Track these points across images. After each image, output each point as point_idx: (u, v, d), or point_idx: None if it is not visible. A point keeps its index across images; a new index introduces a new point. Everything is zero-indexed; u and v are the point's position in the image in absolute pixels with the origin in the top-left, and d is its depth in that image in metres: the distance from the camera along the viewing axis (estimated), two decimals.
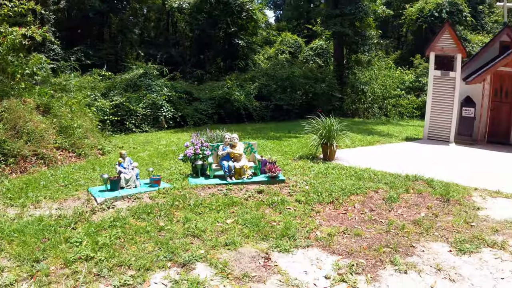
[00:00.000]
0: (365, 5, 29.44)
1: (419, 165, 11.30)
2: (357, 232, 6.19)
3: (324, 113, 22.34)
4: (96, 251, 5.16)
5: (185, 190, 7.76)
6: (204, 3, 33.76)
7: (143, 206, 6.84)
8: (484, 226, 6.75)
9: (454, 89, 17.20)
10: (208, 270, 4.83)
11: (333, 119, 11.64)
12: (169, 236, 5.70)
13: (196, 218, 6.39)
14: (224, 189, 7.92)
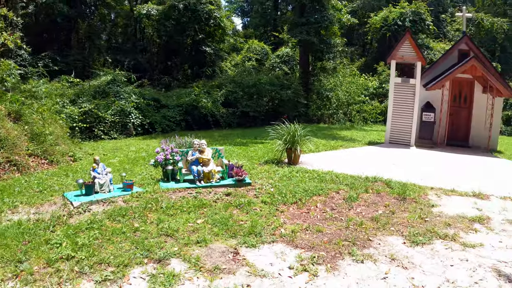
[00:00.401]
0: (330, 14, 30.08)
1: (379, 167, 11.94)
2: (318, 228, 6.73)
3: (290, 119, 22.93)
4: (76, 251, 5.52)
5: (157, 193, 8.14)
6: (172, 10, 33.86)
7: (118, 209, 7.21)
8: (438, 221, 7.44)
9: (414, 95, 17.92)
10: (182, 265, 5.27)
11: (297, 125, 12.16)
12: (144, 236, 6.09)
13: (168, 219, 6.79)
14: (193, 192, 8.34)
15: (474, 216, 7.77)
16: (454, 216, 7.74)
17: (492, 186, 10.75)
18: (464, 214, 7.87)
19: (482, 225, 7.41)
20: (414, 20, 35.40)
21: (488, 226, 7.39)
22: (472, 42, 20.36)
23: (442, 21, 41.38)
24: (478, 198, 9.17)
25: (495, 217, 7.90)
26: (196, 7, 33.16)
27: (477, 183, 10.65)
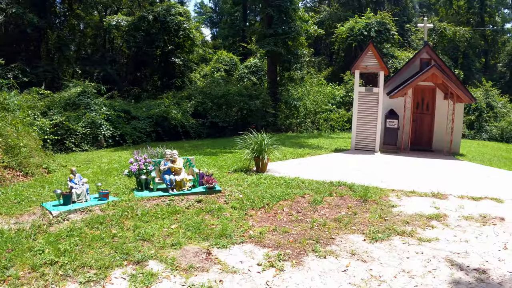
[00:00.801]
0: (297, 25, 30.81)
1: (344, 173, 12.56)
2: (284, 229, 7.26)
3: (259, 128, 23.52)
4: (59, 256, 5.88)
5: (132, 202, 8.53)
6: (142, 21, 34.31)
7: (95, 217, 7.58)
8: (397, 219, 8.07)
9: (378, 103, 18.59)
10: (159, 265, 5.73)
11: (264, 134, 12.69)
12: (122, 241, 6.50)
13: (144, 225, 7.20)
14: (167, 200, 8.76)
15: (431, 214, 8.43)
16: (412, 215, 8.38)
17: (451, 186, 11.45)
18: (422, 213, 8.53)
19: (439, 221, 8.06)
20: (379, 30, 36.59)
21: (444, 222, 8.04)
22: (433, 51, 21.26)
23: (407, 31, 42.64)
24: (436, 198, 9.85)
25: (452, 214, 8.57)
26: (166, 19, 33.73)
27: (437, 184, 11.41)
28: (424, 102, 20.61)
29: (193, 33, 35.83)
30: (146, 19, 34.11)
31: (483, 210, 8.94)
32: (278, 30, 29.70)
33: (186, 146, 20.02)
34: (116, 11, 45.51)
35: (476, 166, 16.03)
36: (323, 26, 43.12)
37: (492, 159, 18.81)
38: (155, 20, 34.16)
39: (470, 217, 8.46)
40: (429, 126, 20.72)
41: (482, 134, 33.50)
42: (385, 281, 5.57)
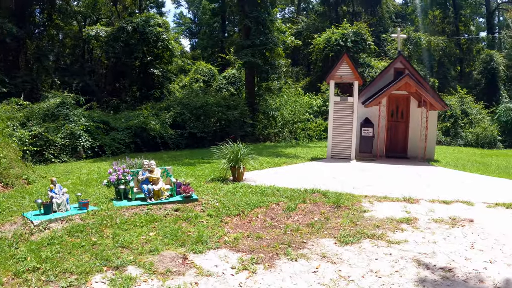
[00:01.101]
0: (275, 36, 31.27)
1: (319, 180, 12.94)
2: (258, 235, 7.61)
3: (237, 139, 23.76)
4: (41, 263, 6.13)
5: (111, 211, 8.78)
6: (121, 32, 34.47)
7: (75, 225, 7.83)
8: (368, 223, 8.46)
9: (353, 113, 19.07)
10: (137, 270, 6.03)
11: (240, 144, 13.04)
12: (102, 248, 6.77)
13: (123, 233, 7.48)
14: (145, 209, 9.04)
15: (402, 218, 8.85)
16: (383, 219, 8.78)
17: (423, 191, 11.92)
18: (393, 217, 8.93)
19: (409, 225, 8.47)
20: (356, 40, 37.29)
21: (414, 225, 8.45)
22: (407, 60, 21.92)
23: (383, 41, 43.45)
24: (408, 202, 10.28)
25: (422, 217, 8.98)
26: (145, 29, 33.92)
27: (409, 189, 11.87)
28: (398, 110, 21.19)
29: (172, 44, 36.09)
30: (125, 30, 34.25)
31: (453, 213, 9.37)
32: (256, 41, 30.13)
33: (165, 156, 20.20)
34: (95, 21, 45.49)
35: (449, 171, 16.60)
36: (301, 37, 43.85)
37: (466, 164, 19.36)
38: (134, 31, 34.33)
39: (440, 219, 8.86)
40: (404, 133, 21.27)
41: (457, 140, 34.32)
42: (353, 280, 5.93)
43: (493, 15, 61.11)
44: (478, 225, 8.59)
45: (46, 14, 37.73)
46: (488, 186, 13.38)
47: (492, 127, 34.17)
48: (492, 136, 33.41)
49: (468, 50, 55.13)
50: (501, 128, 35.63)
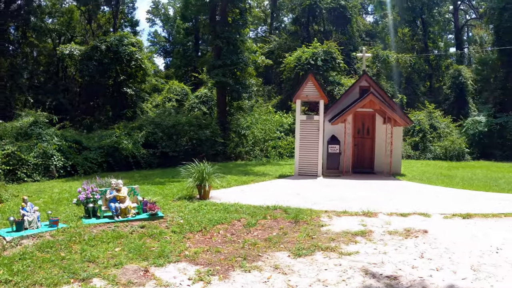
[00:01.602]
0: (245, 56, 32.06)
1: (283, 197, 13.59)
2: (217, 249, 8.17)
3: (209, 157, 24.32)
4: (12, 276, 6.60)
5: (80, 228, 9.25)
6: (94, 51, 35.01)
7: (46, 242, 8.30)
8: (323, 237, 8.99)
9: (319, 130, 19.74)
10: (102, 282, 6.55)
11: (206, 163, 13.60)
12: (70, 263, 7.25)
13: (90, 249, 7.97)
14: (112, 226, 9.54)
15: (357, 231, 9.39)
16: (339, 232, 9.29)
17: (383, 204, 12.56)
18: (349, 230, 9.46)
19: (363, 237, 8.99)
20: (326, 59, 38.18)
21: (368, 237, 8.97)
22: (371, 78, 22.92)
23: (353, 59, 44.36)
24: (366, 216, 10.88)
25: (377, 230, 9.53)
26: (118, 49, 34.55)
27: (370, 203, 12.49)
28: (365, 127, 22.06)
29: (145, 63, 36.72)
30: (99, 48, 34.80)
31: (409, 224, 9.97)
32: (227, 61, 30.79)
33: (136, 176, 20.61)
34: (70, 39, 45.88)
35: (413, 185, 17.54)
36: (273, 56, 44.71)
37: (431, 177, 20.16)
38: (108, 50, 34.88)
39: (394, 231, 9.40)
40: (370, 149, 22.13)
41: (426, 154, 35.19)
42: None
43: (462, 31, 62.90)
44: (432, 235, 9.12)
45: (21, 31, 38.07)
46: (448, 198, 14.17)
47: (460, 140, 35.16)
48: (460, 148, 34.31)
49: (437, 66, 56.63)
50: (469, 140, 36.70)
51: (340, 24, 52.03)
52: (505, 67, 40.40)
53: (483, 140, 36.88)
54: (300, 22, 55.07)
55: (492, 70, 44.93)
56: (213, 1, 31.59)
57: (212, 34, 32.69)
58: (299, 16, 54.56)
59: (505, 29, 39.04)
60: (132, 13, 57.42)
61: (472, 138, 37.05)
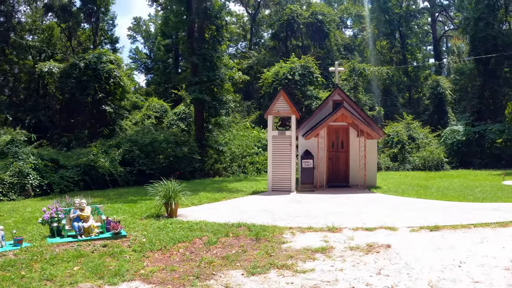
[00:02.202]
0: (222, 72, 32.50)
1: (251, 214, 13.83)
2: (173, 268, 8.42)
3: (186, 174, 24.51)
4: None
5: (43, 247, 9.52)
6: (73, 68, 35.23)
7: (8, 260, 8.57)
8: (282, 254, 9.10)
9: (291, 146, 19.92)
10: None
11: (174, 181, 13.91)
12: (28, 281, 7.54)
13: (50, 268, 8.25)
14: (75, 245, 9.81)
15: (318, 247, 9.42)
16: (299, 249, 9.37)
17: (351, 219, 12.72)
18: (310, 247, 9.52)
19: (323, 254, 9.03)
20: (303, 73, 38.83)
21: (328, 254, 9.00)
22: (344, 92, 23.28)
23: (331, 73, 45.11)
24: (331, 232, 10.94)
25: (339, 246, 9.56)
26: (97, 66, 34.86)
27: (337, 218, 12.69)
28: (339, 140, 22.37)
29: (124, 80, 37.00)
30: (78, 66, 35.00)
31: (373, 239, 10.02)
32: (203, 78, 31.27)
33: (111, 194, 20.76)
34: (50, 56, 46.13)
35: (386, 197, 17.81)
36: (252, 71, 45.36)
37: (406, 188, 20.43)
38: (86, 68, 35.07)
39: (356, 247, 9.44)
40: (345, 163, 22.40)
41: (405, 165, 35.72)
42: None
43: (440, 42, 64.70)
44: (394, 250, 9.12)
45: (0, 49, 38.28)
46: (420, 209, 14.32)
47: (438, 150, 35.80)
48: (438, 158, 34.93)
49: (416, 77, 57.84)
50: (447, 150, 37.54)
51: (318, 38, 53.23)
52: (481, 76, 41.53)
53: (461, 149, 37.71)
54: (279, 37, 56.31)
55: (469, 80, 46.01)
56: (190, 18, 32.22)
57: (189, 50, 33.23)
58: (278, 32, 55.80)
59: (480, 38, 40.11)
60: (112, 30, 58.27)
61: (451, 148, 37.93)
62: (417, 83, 57.65)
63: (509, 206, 14.28)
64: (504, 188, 19.90)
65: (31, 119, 37.45)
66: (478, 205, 14.88)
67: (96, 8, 47.71)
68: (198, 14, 31.67)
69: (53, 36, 48.38)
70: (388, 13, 55.90)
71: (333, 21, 55.81)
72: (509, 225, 11.15)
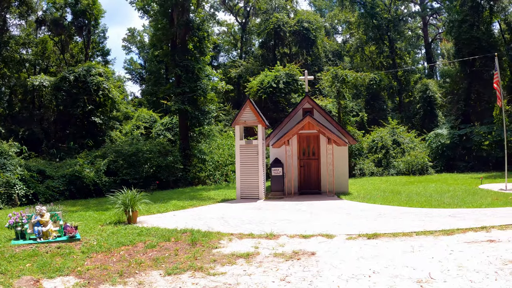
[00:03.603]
0: (204, 83, 34.00)
1: (206, 220, 15.17)
2: (105, 267, 9.76)
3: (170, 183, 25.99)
4: None
5: (6, 248, 11.14)
6: (63, 81, 37.11)
7: None
8: (207, 259, 10.02)
9: (258, 154, 21.08)
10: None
11: (134, 190, 15.54)
12: None
13: (6, 264, 9.74)
14: (34, 247, 11.38)
15: (244, 253, 10.26)
16: (227, 254, 10.23)
17: (297, 225, 13.55)
18: (238, 252, 10.38)
19: (245, 259, 9.83)
20: (288, 81, 40.34)
21: (249, 260, 9.77)
22: (313, 100, 24.22)
23: (319, 79, 46.45)
24: (267, 238, 11.84)
25: (265, 252, 10.33)
26: (86, 79, 36.61)
27: (283, 225, 13.72)
28: (310, 148, 23.39)
29: (113, 92, 38.70)
30: (68, 79, 36.92)
31: (303, 247, 10.72)
32: (186, 89, 32.84)
33: (91, 203, 22.28)
34: (45, 69, 48.09)
35: (348, 204, 18.59)
36: (241, 80, 47.07)
37: (376, 194, 21.08)
38: (76, 81, 36.94)
39: (281, 254, 10.12)
40: (316, 170, 23.39)
41: (390, 170, 36.73)
42: None
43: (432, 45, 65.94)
44: (316, 258, 9.69)
45: None
46: (373, 216, 14.93)
47: (422, 154, 36.70)
48: (423, 163, 35.79)
49: (407, 81, 59.01)
50: (432, 154, 38.59)
51: (305, 46, 54.87)
52: (467, 78, 42.37)
53: (446, 153, 38.67)
54: (267, 45, 57.84)
55: (455, 82, 46.85)
56: (172, 31, 33.77)
57: (172, 62, 34.75)
58: (266, 40, 57.41)
59: (464, 40, 40.91)
60: (104, 42, 59.96)
61: (436, 152, 38.92)
62: (407, 87, 58.84)
63: (467, 213, 14.83)
64: (477, 193, 20.40)
65: (24, 131, 39.20)
66: (436, 211, 15.46)
67: (87, 22, 49.66)
68: (180, 26, 33.22)
69: (47, 49, 50.29)
70: (376, 18, 57.09)
71: (320, 29, 57.41)
72: (454, 233, 11.65)
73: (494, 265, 8.68)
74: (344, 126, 36.84)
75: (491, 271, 8.31)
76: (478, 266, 8.62)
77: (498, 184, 23.98)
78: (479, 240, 10.76)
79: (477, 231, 11.83)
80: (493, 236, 11.10)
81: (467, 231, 11.81)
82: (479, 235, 11.36)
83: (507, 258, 9.04)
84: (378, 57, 60.87)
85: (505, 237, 10.97)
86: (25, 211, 12.99)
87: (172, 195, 24.73)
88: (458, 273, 8.28)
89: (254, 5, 61.48)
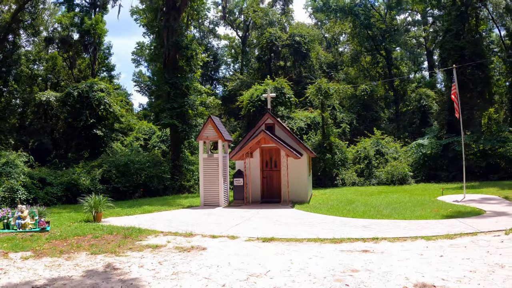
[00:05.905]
0: (191, 99, 38.03)
1: (155, 221, 18.47)
2: (55, 248, 13.33)
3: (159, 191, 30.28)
4: None
5: None
6: (68, 97, 41.55)
7: None
8: (126, 247, 13.15)
9: (218, 166, 24.28)
10: None
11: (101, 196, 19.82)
12: None
13: None
14: (13, 234, 15.85)
15: (154, 245, 13.33)
16: (143, 245, 13.36)
17: (222, 229, 15.85)
18: (152, 244, 13.46)
19: (152, 249, 12.83)
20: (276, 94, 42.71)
21: (154, 249, 12.76)
22: (273, 117, 26.96)
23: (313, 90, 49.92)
24: (185, 236, 14.75)
25: (170, 245, 13.26)
26: (88, 95, 40.81)
27: (211, 227, 16.34)
28: (272, 160, 26.25)
29: (113, 106, 43.05)
30: (72, 95, 41.47)
31: (204, 244, 13.27)
32: (174, 105, 36.95)
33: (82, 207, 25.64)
34: (56, 83, 53.16)
35: (292, 213, 20.34)
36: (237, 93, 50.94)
37: (333, 205, 22.81)
38: (79, 96, 41.53)
39: (181, 247, 12.77)
40: (278, 180, 26.15)
41: (372, 180, 39.10)
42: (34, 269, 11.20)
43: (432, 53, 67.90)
44: (204, 251, 12.23)
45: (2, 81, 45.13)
46: (295, 224, 16.58)
47: (402, 164, 39.04)
48: (403, 172, 37.90)
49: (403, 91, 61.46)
50: (414, 164, 40.60)
51: (298, 59, 58.45)
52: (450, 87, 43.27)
53: (427, 163, 40.51)
54: (263, 59, 61.42)
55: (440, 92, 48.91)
56: (162, 50, 38.30)
57: (162, 79, 39.06)
58: (261, 54, 61.17)
59: (448, 50, 42.79)
60: (109, 58, 65.10)
61: (418, 161, 40.86)
62: (404, 96, 61.15)
63: (381, 224, 16.01)
64: (426, 204, 21.49)
65: (34, 142, 44.24)
66: (355, 222, 16.75)
67: (93, 40, 54.76)
68: (169, 46, 37.66)
69: (57, 65, 55.49)
70: (371, 29, 59.80)
71: (312, 41, 60.59)
72: (343, 242, 12.81)
73: (333, 273, 9.63)
74: (327, 137, 40.16)
75: (324, 276, 9.41)
76: (318, 272, 9.69)
77: (457, 196, 24.89)
78: (354, 250, 11.71)
79: (366, 241, 12.86)
80: (373, 247, 12.03)
81: (357, 241, 12.88)
82: (362, 245, 12.36)
83: (354, 268, 9.95)
84: (373, 68, 63.64)
85: (383, 248, 11.88)
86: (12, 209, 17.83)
87: (153, 201, 28.55)
88: (291, 274, 9.64)
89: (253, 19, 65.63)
